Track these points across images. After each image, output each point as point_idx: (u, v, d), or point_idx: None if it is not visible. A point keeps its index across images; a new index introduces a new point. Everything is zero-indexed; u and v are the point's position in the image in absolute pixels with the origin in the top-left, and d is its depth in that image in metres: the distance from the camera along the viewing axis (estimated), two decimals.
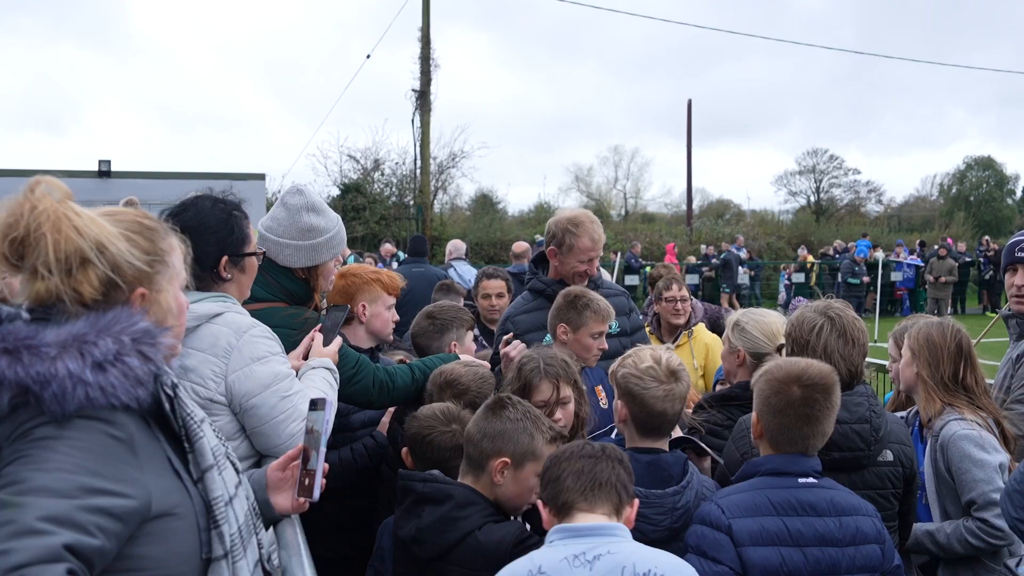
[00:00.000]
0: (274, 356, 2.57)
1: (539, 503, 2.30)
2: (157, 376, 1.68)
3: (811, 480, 2.50)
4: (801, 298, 4.41)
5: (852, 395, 2.85)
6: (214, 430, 1.85)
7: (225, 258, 2.66)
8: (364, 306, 3.53)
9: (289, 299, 3.13)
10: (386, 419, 3.48)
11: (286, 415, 2.50)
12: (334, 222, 3.23)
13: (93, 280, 1.63)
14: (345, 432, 3.35)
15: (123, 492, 1.53)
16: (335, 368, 2.88)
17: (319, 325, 3.04)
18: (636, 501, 2.28)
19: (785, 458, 2.52)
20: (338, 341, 2.98)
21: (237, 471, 1.90)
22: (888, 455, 2.87)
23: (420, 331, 4.00)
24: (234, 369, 2.49)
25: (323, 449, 2.11)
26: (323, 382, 2.74)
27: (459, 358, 3.38)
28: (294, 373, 2.64)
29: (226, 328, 2.51)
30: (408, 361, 3.62)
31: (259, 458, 2.62)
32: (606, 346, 3.75)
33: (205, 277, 2.62)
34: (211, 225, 2.64)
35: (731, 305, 18.98)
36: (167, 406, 1.71)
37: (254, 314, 2.74)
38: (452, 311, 3.99)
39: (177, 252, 1.84)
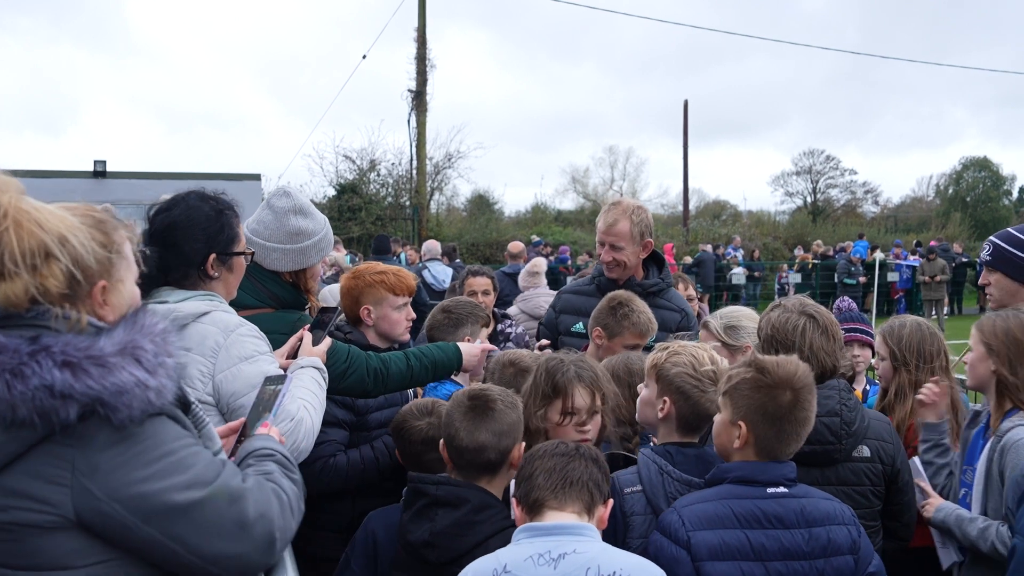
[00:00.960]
0: (262, 355, 2.55)
1: (513, 501, 2.28)
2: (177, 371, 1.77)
3: (781, 489, 2.40)
4: (847, 298, 4.43)
5: (823, 388, 2.81)
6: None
7: (213, 256, 2.61)
8: (368, 309, 3.46)
9: (277, 304, 3.09)
10: None
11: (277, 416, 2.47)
12: (321, 224, 3.19)
13: (57, 274, 1.62)
14: (361, 432, 3.31)
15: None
16: (324, 368, 2.83)
17: (307, 325, 3.00)
18: (610, 502, 2.25)
19: (755, 465, 2.42)
20: (327, 341, 2.93)
21: None
22: (864, 451, 2.84)
23: (435, 324, 3.99)
24: (221, 369, 2.47)
25: (273, 416, 2.16)
26: (311, 381, 2.70)
27: (458, 348, 3.36)
28: (282, 372, 2.59)
29: (213, 327, 2.49)
30: None
31: None
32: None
33: (192, 275, 2.59)
34: (200, 222, 2.60)
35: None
36: (185, 397, 1.81)
37: None
38: (468, 307, 3.98)
39: (128, 244, 1.84)
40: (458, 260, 14.66)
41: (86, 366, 1.56)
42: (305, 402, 2.57)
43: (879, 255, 22.84)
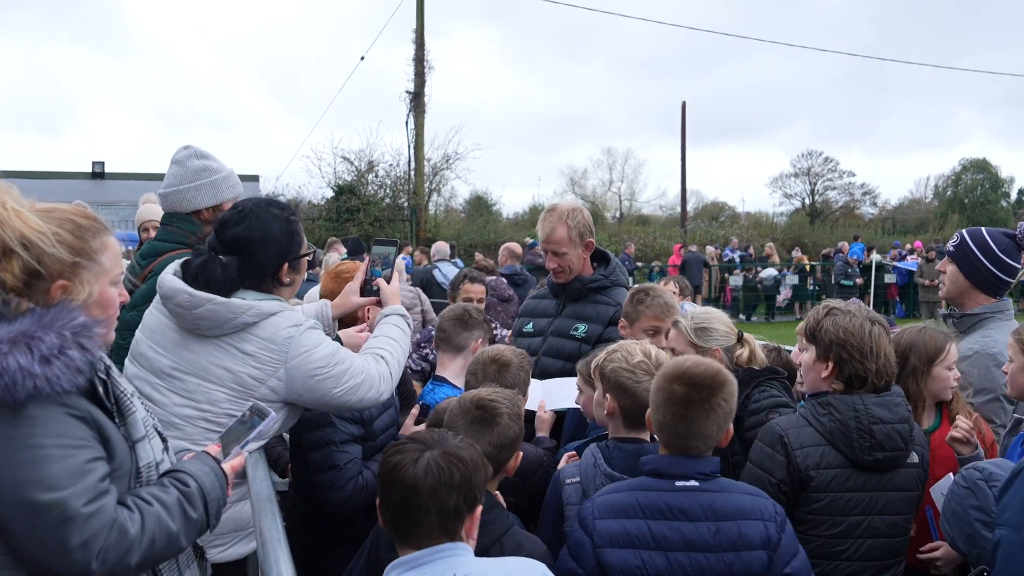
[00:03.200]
0: (324, 342, 2.74)
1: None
2: (92, 363, 1.88)
3: (691, 483, 2.44)
4: (857, 299, 4.28)
5: (891, 395, 2.84)
6: (142, 402, 2.11)
7: (286, 265, 2.79)
8: (368, 308, 3.44)
9: (196, 242, 3.30)
10: (409, 421, 3.44)
11: (348, 376, 2.70)
12: (226, 167, 3.52)
13: (15, 269, 1.83)
14: (367, 441, 3.27)
15: (101, 455, 1.86)
16: (406, 313, 3.05)
17: (368, 259, 3.17)
18: (478, 509, 2.10)
19: (668, 459, 2.49)
20: (397, 277, 3.14)
21: (163, 439, 2.18)
22: (914, 457, 2.85)
23: (452, 315, 4.01)
24: (293, 356, 2.64)
25: (247, 446, 2.30)
26: (393, 328, 2.98)
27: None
28: (339, 344, 2.81)
29: (285, 321, 2.68)
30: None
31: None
32: (664, 342, 3.72)
33: (266, 283, 2.76)
34: (275, 236, 2.76)
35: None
36: (100, 389, 1.92)
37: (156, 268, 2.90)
38: (482, 315, 4.01)
39: (111, 250, 2.02)
40: (457, 259, 14.67)
41: None
42: (380, 350, 2.86)
43: (876, 256, 22.84)
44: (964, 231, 3.84)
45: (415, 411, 3.46)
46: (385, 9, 63.01)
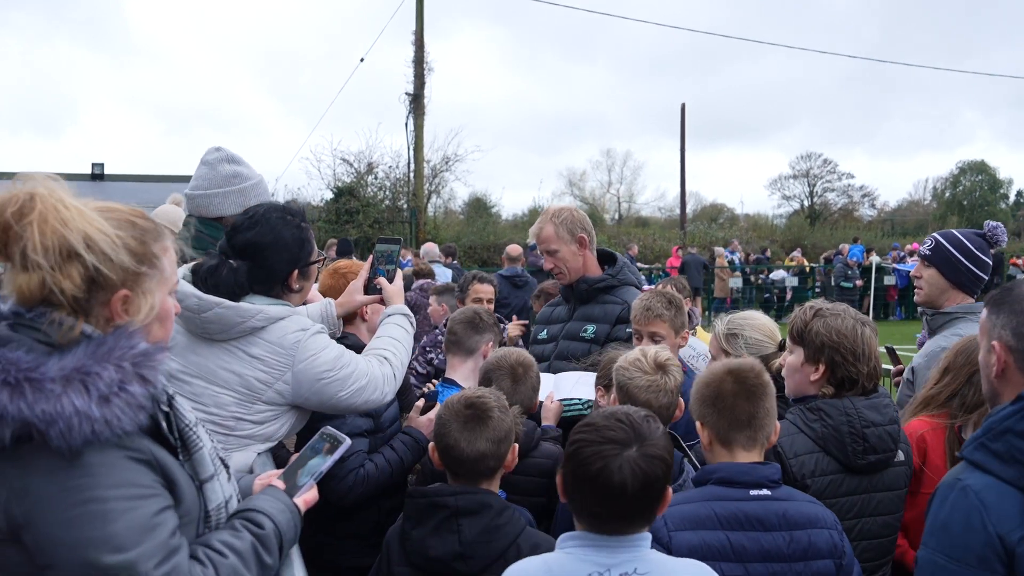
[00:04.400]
0: (330, 345, 2.76)
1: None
2: (154, 396, 1.66)
3: (764, 492, 2.41)
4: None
5: (879, 397, 2.84)
6: (205, 430, 1.88)
7: (296, 272, 2.79)
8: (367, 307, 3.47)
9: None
10: (414, 414, 3.43)
11: (353, 379, 2.73)
12: (256, 174, 3.47)
13: (76, 277, 1.59)
14: (376, 433, 3.28)
15: (168, 504, 1.66)
16: (409, 312, 3.06)
17: (371, 257, 3.16)
18: (669, 491, 2.14)
19: (738, 467, 2.44)
20: (400, 276, 3.15)
21: (227, 467, 1.95)
22: (900, 455, 2.86)
23: (463, 318, 4.01)
24: (300, 360, 2.66)
25: (315, 477, 2.14)
26: (397, 329, 3.01)
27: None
28: (345, 349, 2.79)
29: (292, 325, 2.70)
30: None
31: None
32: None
33: (276, 289, 2.77)
34: (287, 242, 2.77)
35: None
36: (163, 425, 1.70)
37: None
38: (492, 319, 4.02)
39: (170, 255, 1.79)
40: (455, 261, 14.62)
41: (24, 387, 1.49)
42: (384, 351, 2.89)
43: (875, 258, 22.84)
44: (936, 234, 3.98)
45: (420, 403, 3.48)
46: (385, 10, 62.97)
